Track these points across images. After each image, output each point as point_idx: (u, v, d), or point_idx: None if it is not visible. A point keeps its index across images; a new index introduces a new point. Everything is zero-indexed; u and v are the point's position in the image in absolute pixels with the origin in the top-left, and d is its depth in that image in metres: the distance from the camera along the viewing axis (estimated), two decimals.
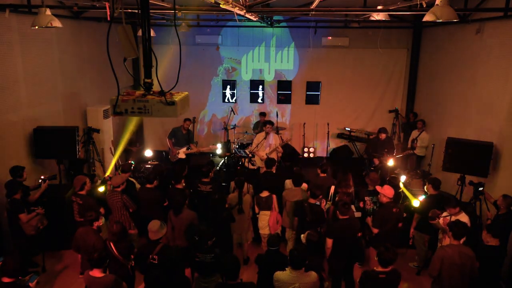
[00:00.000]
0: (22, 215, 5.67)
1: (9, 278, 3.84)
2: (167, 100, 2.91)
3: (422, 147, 9.29)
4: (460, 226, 4.62)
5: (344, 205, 5.22)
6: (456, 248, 4.54)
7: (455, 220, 4.96)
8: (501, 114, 6.80)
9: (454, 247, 4.56)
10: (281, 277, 4.20)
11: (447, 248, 4.61)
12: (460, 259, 4.48)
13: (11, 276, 3.84)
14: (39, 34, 6.97)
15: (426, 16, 4.65)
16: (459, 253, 4.49)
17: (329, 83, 11.49)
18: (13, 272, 3.84)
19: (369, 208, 6.21)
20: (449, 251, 4.54)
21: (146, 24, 3.00)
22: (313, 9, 6.38)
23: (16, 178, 5.92)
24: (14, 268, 3.84)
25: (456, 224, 4.66)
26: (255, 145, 8.74)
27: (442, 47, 9.45)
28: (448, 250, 4.56)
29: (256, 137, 8.93)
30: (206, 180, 6.49)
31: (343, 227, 5.20)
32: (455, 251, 4.50)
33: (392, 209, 5.61)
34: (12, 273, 3.84)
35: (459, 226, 4.61)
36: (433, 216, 5.46)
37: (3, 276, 3.84)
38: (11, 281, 3.83)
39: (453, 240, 4.61)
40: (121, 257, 4.69)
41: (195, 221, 5.58)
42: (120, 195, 5.92)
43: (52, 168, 7.26)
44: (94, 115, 8.60)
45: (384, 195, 5.72)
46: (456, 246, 4.56)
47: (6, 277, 3.84)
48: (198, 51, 11.30)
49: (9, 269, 3.83)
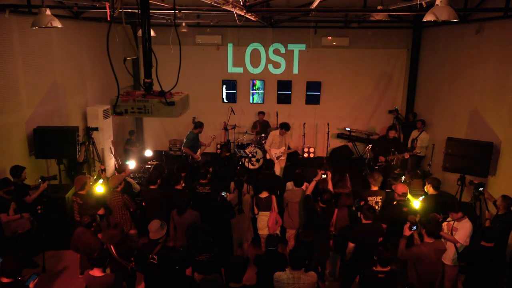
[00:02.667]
0: (3, 214, 5.57)
1: (8, 279, 3.83)
2: (167, 100, 2.91)
3: (422, 147, 9.28)
4: (433, 223, 4.66)
5: (369, 209, 5.16)
6: (431, 246, 4.59)
7: (429, 217, 4.94)
8: (501, 114, 6.80)
9: (428, 245, 4.60)
10: (281, 277, 4.20)
11: (422, 246, 4.64)
12: (435, 256, 4.59)
13: (10, 276, 3.84)
14: (39, 34, 6.97)
15: (426, 16, 4.65)
16: (435, 250, 4.59)
17: (329, 83, 11.50)
18: (12, 272, 3.84)
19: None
20: (424, 249, 4.59)
21: (146, 24, 3.01)
22: (313, 9, 6.39)
23: (14, 178, 5.93)
24: (13, 268, 3.84)
25: (429, 221, 4.69)
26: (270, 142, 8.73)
27: (442, 47, 9.45)
28: (423, 248, 4.61)
29: (272, 134, 8.84)
30: (204, 181, 6.49)
31: (366, 232, 5.14)
32: (430, 249, 4.57)
33: (403, 208, 5.59)
34: (11, 273, 3.84)
35: (432, 223, 4.65)
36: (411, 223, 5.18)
37: (2, 276, 3.84)
38: (10, 281, 3.83)
39: (426, 238, 4.64)
40: (121, 260, 4.69)
41: (199, 221, 5.59)
42: (121, 195, 5.93)
43: (52, 168, 7.26)
44: (94, 115, 8.59)
45: (396, 193, 5.78)
46: (430, 244, 4.60)
47: (5, 277, 3.84)
48: (198, 51, 11.31)
49: (8, 269, 3.82)
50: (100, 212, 5.92)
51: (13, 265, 3.84)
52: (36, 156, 7.07)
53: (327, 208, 5.70)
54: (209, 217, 6.15)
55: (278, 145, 8.68)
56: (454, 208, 5.30)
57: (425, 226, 4.67)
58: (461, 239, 5.13)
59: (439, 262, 4.76)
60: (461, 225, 5.21)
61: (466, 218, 5.32)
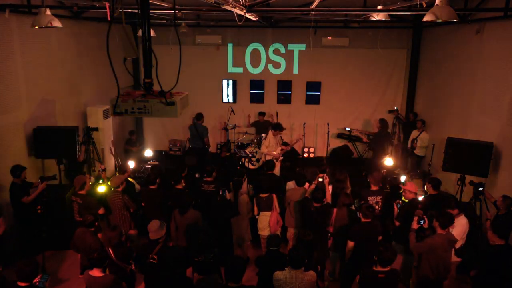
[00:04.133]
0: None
1: (25, 283, 3.83)
2: (167, 100, 2.92)
3: (422, 147, 9.28)
4: (446, 216, 4.75)
5: (368, 208, 5.19)
6: (445, 236, 4.69)
7: (442, 211, 5.03)
8: (501, 114, 6.80)
9: (442, 236, 4.69)
10: (280, 276, 4.20)
11: (436, 237, 4.71)
12: (448, 246, 4.72)
13: (26, 281, 3.83)
14: (39, 34, 6.97)
15: (426, 16, 4.65)
16: (448, 241, 4.71)
17: (329, 83, 11.50)
18: (28, 276, 3.83)
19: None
20: (438, 240, 4.67)
21: (146, 24, 3.01)
22: (313, 9, 6.39)
23: (14, 178, 5.95)
24: (28, 272, 3.82)
25: (443, 215, 4.78)
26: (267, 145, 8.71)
27: (442, 47, 9.45)
28: (437, 239, 4.68)
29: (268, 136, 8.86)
30: (210, 179, 6.48)
31: (365, 230, 5.17)
32: (444, 240, 4.67)
33: (418, 205, 5.63)
34: (27, 277, 3.83)
35: (445, 217, 4.74)
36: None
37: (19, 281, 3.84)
38: (26, 285, 3.82)
39: (440, 230, 4.72)
40: (120, 262, 4.68)
41: (200, 221, 5.59)
42: (121, 195, 5.93)
43: (52, 168, 7.26)
44: (94, 115, 8.59)
45: (409, 191, 5.81)
46: (444, 235, 4.70)
47: (22, 282, 3.83)
48: (198, 51, 11.31)
49: (24, 274, 3.81)
50: (100, 212, 5.93)
51: (28, 269, 3.83)
52: (36, 156, 7.07)
53: (321, 207, 5.71)
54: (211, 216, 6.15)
55: (274, 147, 8.67)
56: (450, 205, 5.45)
57: (438, 219, 4.75)
58: (458, 235, 5.24)
59: (451, 253, 4.86)
60: (457, 222, 5.35)
61: (462, 215, 5.48)
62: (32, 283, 3.86)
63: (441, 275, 4.78)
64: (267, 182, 6.38)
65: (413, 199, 5.79)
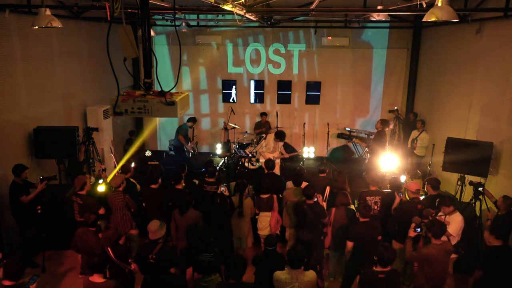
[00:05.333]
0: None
1: (11, 281, 3.76)
2: (167, 100, 2.91)
3: (422, 147, 9.28)
4: (437, 225, 4.65)
5: (365, 207, 5.19)
6: (440, 246, 4.60)
7: (431, 219, 4.97)
8: (501, 114, 6.79)
9: (437, 246, 4.60)
10: (280, 276, 4.20)
11: (431, 248, 4.63)
12: (444, 256, 4.61)
13: (12, 279, 3.77)
14: (39, 34, 6.97)
15: (426, 16, 4.65)
16: (444, 251, 4.60)
17: (329, 83, 11.49)
18: (15, 275, 3.77)
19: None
20: (433, 251, 4.58)
21: (146, 24, 3.01)
22: (313, 9, 6.39)
23: (15, 177, 5.95)
24: (15, 271, 3.77)
25: (433, 224, 4.68)
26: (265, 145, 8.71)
27: (442, 47, 9.45)
28: (432, 250, 4.60)
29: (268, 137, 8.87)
30: (212, 180, 6.47)
31: (364, 230, 5.16)
32: (439, 250, 4.58)
33: (417, 205, 5.60)
34: (13, 276, 3.77)
35: (436, 226, 4.64)
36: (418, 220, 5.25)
37: (4, 279, 3.77)
38: (12, 284, 3.76)
39: (434, 240, 4.64)
40: (119, 262, 4.66)
41: (200, 221, 5.58)
42: (123, 194, 5.92)
43: (52, 168, 7.26)
44: (94, 115, 8.59)
45: (410, 191, 5.81)
46: (439, 245, 4.61)
47: (7, 280, 3.76)
48: (198, 51, 11.32)
49: (10, 272, 3.76)
50: (100, 211, 5.92)
51: (15, 267, 3.77)
52: (36, 156, 7.07)
53: (314, 205, 5.69)
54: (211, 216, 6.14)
55: (272, 149, 8.66)
56: (445, 202, 5.47)
57: (430, 230, 4.66)
58: (454, 232, 5.29)
59: (448, 264, 4.77)
60: (452, 219, 5.39)
61: (457, 212, 5.49)
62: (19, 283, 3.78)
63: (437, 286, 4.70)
64: (268, 183, 6.37)
65: (412, 199, 5.77)
